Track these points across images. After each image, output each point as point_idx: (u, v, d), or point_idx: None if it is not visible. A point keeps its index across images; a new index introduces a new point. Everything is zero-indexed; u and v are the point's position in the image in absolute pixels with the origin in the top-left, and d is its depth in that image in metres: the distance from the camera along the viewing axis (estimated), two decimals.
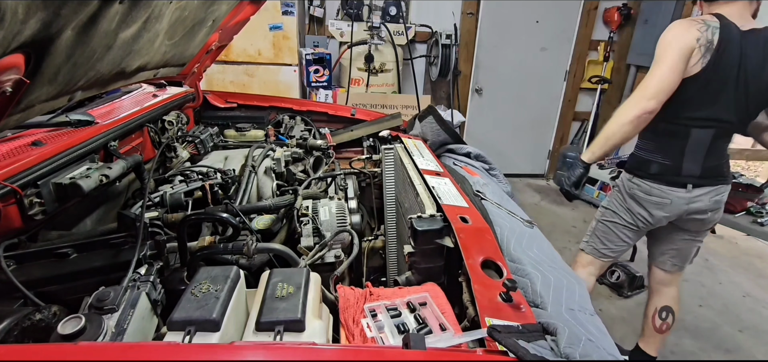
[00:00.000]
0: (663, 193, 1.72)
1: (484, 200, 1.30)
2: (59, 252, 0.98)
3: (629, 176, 1.84)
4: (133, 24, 1.07)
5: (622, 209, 1.89)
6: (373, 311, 0.82)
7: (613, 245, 1.95)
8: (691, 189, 1.69)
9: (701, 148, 1.64)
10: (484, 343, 0.70)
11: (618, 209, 1.90)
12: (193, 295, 0.75)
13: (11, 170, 0.99)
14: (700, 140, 1.64)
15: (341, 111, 2.38)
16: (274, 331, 0.71)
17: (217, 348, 0.63)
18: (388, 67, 3.70)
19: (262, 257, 1.21)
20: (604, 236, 1.96)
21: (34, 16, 0.74)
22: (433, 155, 1.59)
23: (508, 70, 4.44)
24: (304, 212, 1.33)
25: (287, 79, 3.52)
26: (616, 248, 1.95)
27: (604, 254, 1.98)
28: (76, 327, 0.68)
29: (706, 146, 1.64)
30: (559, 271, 0.97)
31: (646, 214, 1.80)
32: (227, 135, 2.21)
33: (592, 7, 4.27)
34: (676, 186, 1.70)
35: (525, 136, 4.80)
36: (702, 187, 1.69)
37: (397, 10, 3.68)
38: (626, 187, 1.85)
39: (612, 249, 1.96)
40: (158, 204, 1.33)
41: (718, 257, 3.47)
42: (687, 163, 1.67)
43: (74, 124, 1.34)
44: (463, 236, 0.96)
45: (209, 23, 1.59)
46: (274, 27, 3.35)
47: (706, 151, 1.65)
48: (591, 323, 0.81)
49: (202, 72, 2.10)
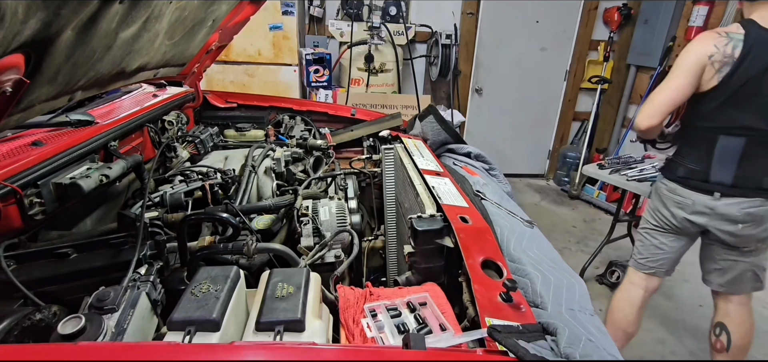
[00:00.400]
0: (685, 196, 1.70)
1: (484, 200, 1.30)
2: (59, 252, 0.98)
3: (660, 177, 1.85)
4: (133, 24, 1.07)
5: (649, 212, 1.89)
6: (373, 311, 0.82)
7: (647, 252, 1.91)
8: (718, 198, 1.63)
9: (733, 156, 1.59)
10: (484, 343, 0.70)
11: (646, 213, 1.91)
12: (193, 295, 0.75)
13: (11, 170, 0.99)
14: (730, 148, 1.59)
15: (341, 111, 2.38)
16: (274, 331, 0.71)
17: (217, 348, 0.63)
18: (388, 67, 3.70)
19: (262, 257, 1.21)
20: (640, 245, 1.94)
21: (34, 16, 0.74)
22: (433, 155, 1.59)
23: (508, 70, 4.44)
24: (304, 212, 1.33)
25: (287, 79, 3.53)
26: (650, 256, 1.90)
27: (641, 264, 1.93)
28: (76, 327, 0.68)
29: (737, 155, 1.59)
30: (559, 271, 0.97)
31: (667, 213, 1.78)
32: (227, 135, 2.21)
33: (592, 7, 4.27)
34: (702, 192, 1.66)
35: (525, 136, 4.80)
36: (732, 197, 1.62)
37: (397, 10, 3.67)
38: (655, 188, 1.87)
39: (646, 257, 1.91)
40: (158, 204, 1.33)
41: None
42: (715, 170, 1.62)
43: (74, 124, 1.34)
44: (463, 236, 0.96)
45: (209, 23, 1.59)
46: (274, 27, 3.35)
47: (739, 160, 1.59)
48: (591, 323, 0.81)
49: (202, 72, 2.10)
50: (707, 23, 3.53)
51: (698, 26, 3.54)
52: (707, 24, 3.53)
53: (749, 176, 1.60)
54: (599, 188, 4.24)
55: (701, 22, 3.52)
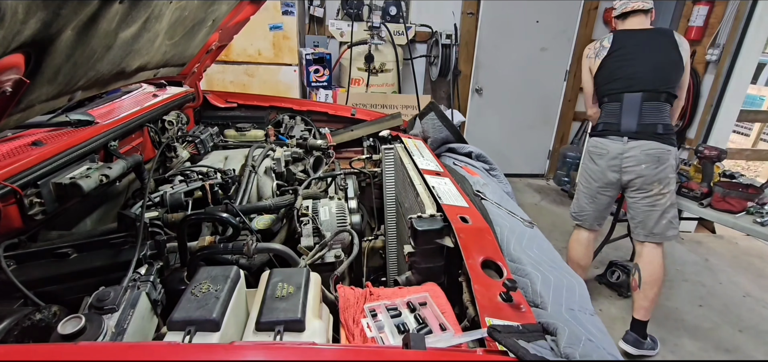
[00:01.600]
0: (604, 145, 2.20)
1: (484, 200, 1.30)
2: (59, 252, 0.98)
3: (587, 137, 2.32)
4: (133, 24, 1.07)
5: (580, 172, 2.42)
6: (373, 311, 0.82)
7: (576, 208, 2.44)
8: (627, 142, 2.11)
9: (634, 108, 2.10)
10: (484, 343, 0.70)
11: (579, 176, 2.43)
12: (193, 295, 0.75)
13: (11, 170, 0.99)
14: (631, 102, 2.10)
15: (341, 111, 2.38)
16: (274, 331, 0.71)
17: (217, 348, 0.63)
18: (388, 67, 3.70)
19: (262, 257, 1.21)
20: (575, 201, 2.46)
21: (34, 16, 0.74)
22: (433, 155, 1.59)
23: (508, 70, 4.44)
24: (304, 212, 1.33)
25: (287, 79, 3.53)
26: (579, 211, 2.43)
27: (575, 219, 2.46)
28: (76, 327, 0.68)
29: (637, 107, 2.09)
30: (559, 271, 0.98)
31: (593, 166, 2.28)
32: (227, 135, 2.21)
33: (592, 7, 4.27)
34: (616, 137, 2.15)
35: (525, 136, 4.80)
36: (636, 140, 2.09)
37: (397, 10, 3.67)
38: (585, 149, 2.40)
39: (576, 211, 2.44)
40: (158, 204, 1.33)
41: (718, 257, 3.47)
42: (625, 120, 2.12)
43: (74, 124, 1.34)
44: (463, 236, 0.96)
45: (209, 23, 1.59)
46: (274, 27, 3.35)
47: (640, 111, 2.09)
48: (591, 323, 0.81)
49: (202, 72, 2.10)
50: (707, 23, 3.53)
51: (698, 26, 3.54)
52: (707, 24, 3.53)
53: (648, 124, 2.08)
54: None
55: (701, 22, 3.52)
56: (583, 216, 2.42)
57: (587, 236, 2.45)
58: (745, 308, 2.83)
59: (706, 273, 3.21)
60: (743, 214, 2.26)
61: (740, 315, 2.75)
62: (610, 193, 2.29)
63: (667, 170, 2.10)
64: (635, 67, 2.11)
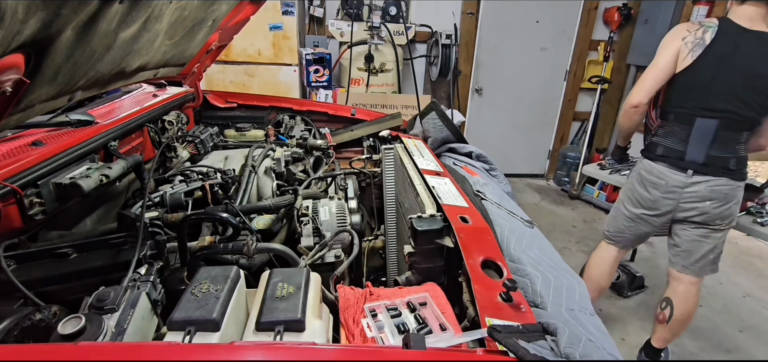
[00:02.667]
0: (662, 174, 1.85)
1: (484, 200, 1.30)
2: (59, 252, 0.98)
3: (640, 158, 1.97)
4: (133, 24, 1.07)
5: (625, 191, 2.05)
6: (373, 311, 0.82)
7: (613, 227, 2.12)
8: (691, 175, 1.77)
9: (706, 137, 1.73)
10: (484, 343, 0.70)
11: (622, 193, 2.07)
12: (193, 295, 0.75)
13: (11, 170, 0.99)
14: (704, 129, 1.72)
15: (341, 111, 2.37)
16: (274, 331, 0.71)
17: (217, 348, 0.63)
18: (388, 67, 3.69)
19: (262, 257, 1.20)
20: (612, 218, 2.12)
21: (34, 16, 0.73)
22: (433, 155, 1.59)
23: (508, 70, 4.44)
24: (304, 212, 1.33)
25: (287, 79, 3.52)
26: (615, 230, 2.12)
27: (609, 238, 2.15)
28: (76, 327, 0.68)
29: (710, 136, 1.72)
30: (559, 271, 0.97)
31: (643, 191, 1.93)
32: (227, 135, 2.20)
33: (592, 7, 4.27)
34: (677, 170, 1.80)
35: (525, 136, 4.80)
36: (703, 175, 1.76)
37: (397, 10, 3.67)
38: (635, 169, 2.01)
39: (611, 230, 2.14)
40: (158, 204, 1.33)
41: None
42: (691, 150, 1.76)
43: (74, 124, 1.34)
44: (463, 236, 0.96)
45: (209, 23, 1.59)
46: (274, 27, 3.35)
47: (712, 141, 1.73)
48: (591, 323, 0.81)
49: (202, 72, 2.10)
50: None
51: None
52: None
53: (719, 157, 1.75)
54: (599, 188, 4.24)
55: None
56: (618, 238, 2.12)
57: (615, 255, 2.16)
58: (746, 308, 2.83)
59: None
60: (743, 214, 2.26)
61: (740, 315, 2.75)
62: (659, 222, 1.96)
63: (733, 208, 1.81)
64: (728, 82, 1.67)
